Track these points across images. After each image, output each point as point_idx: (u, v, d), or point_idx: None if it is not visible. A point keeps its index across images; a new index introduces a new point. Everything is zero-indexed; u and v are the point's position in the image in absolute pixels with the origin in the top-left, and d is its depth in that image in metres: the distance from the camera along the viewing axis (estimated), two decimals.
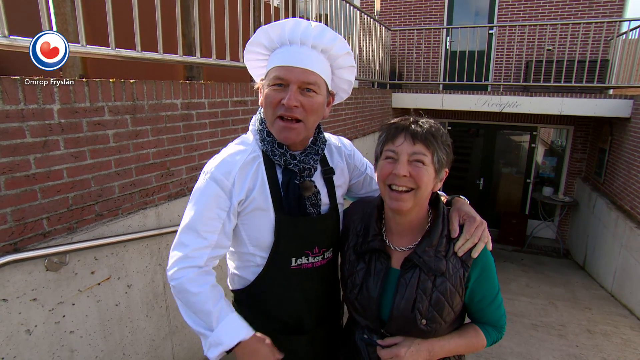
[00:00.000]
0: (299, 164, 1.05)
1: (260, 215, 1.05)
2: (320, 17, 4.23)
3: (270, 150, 1.05)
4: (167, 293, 2.13)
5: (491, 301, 1.04)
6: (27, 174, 1.43)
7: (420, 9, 8.22)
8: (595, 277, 5.78)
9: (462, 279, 0.99)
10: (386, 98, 6.34)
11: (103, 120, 1.69)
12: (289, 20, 1.01)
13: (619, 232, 5.01)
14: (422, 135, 0.96)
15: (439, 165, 0.97)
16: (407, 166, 0.96)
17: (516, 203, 8.23)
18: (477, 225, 1.01)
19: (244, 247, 1.10)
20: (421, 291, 0.98)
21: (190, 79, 2.64)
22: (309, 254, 1.10)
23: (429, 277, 0.98)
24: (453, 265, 0.98)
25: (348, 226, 1.16)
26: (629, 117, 5.41)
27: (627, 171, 5.19)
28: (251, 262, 1.11)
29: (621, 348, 3.43)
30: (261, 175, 1.04)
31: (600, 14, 7.07)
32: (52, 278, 1.54)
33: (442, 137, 0.98)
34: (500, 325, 1.08)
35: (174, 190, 2.13)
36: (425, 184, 0.96)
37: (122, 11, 1.91)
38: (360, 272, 1.06)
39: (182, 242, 1.01)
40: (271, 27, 1.02)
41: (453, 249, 0.99)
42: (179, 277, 0.98)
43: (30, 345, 1.49)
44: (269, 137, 1.05)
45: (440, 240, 1.00)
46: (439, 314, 0.98)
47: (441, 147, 0.97)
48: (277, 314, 1.14)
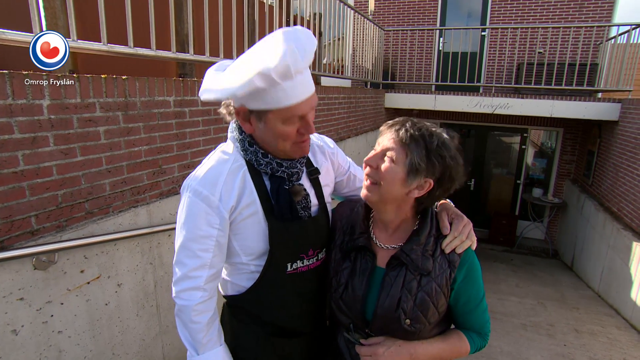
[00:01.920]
0: (286, 170, 1.04)
1: (252, 224, 1.03)
2: (314, 17, 4.22)
3: (255, 160, 1.02)
4: (157, 292, 2.11)
5: (476, 305, 1.03)
6: (15, 171, 1.40)
7: (413, 9, 8.25)
8: (583, 277, 5.87)
9: (448, 279, 0.98)
10: (379, 98, 6.35)
11: (94, 116, 1.66)
12: (285, 54, 0.85)
13: (607, 233, 5.09)
14: (404, 136, 0.95)
15: (411, 169, 0.94)
16: (379, 158, 0.98)
17: (506, 204, 8.32)
18: (465, 224, 1.03)
19: (236, 257, 1.08)
20: (406, 290, 0.98)
21: (183, 76, 2.61)
22: (304, 257, 1.09)
23: (414, 276, 0.98)
24: (439, 265, 0.98)
25: (335, 224, 1.16)
26: (617, 120, 5.51)
27: (614, 173, 5.28)
28: (245, 270, 1.10)
29: (607, 347, 3.49)
30: (248, 183, 1.02)
31: (590, 19, 7.18)
32: (40, 277, 1.51)
33: (430, 144, 0.94)
34: (485, 332, 1.08)
35: (165, 188, 2.10)
36: (387, 181, 0.96)
37: (114, 6, 1.88)
38: (345, 271, 1.06)
39: (180, 260, 1.01)
40: (274, 71, 0.85)
41: (440, 248, 0.99)
42: (185, 301, 1.00)
43: (16, 346, 1.46)
44: (251, 147, 1.02)
45: (428, 239, 1.00)
46: (424, 314, 0.98)
47: (421, 153, 0.93)
48: (274, 318, 1.13)
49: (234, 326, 1.16)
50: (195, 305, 0.99)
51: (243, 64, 0.90)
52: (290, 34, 0.89)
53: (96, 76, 1.66)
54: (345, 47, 5.34)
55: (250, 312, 1.13)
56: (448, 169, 0.95)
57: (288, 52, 0.85)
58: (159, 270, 2.10)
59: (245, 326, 1.14)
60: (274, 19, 3.17)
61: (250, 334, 1.13)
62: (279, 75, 0.86)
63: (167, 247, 2.14)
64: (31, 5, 1.42)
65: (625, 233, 4.53)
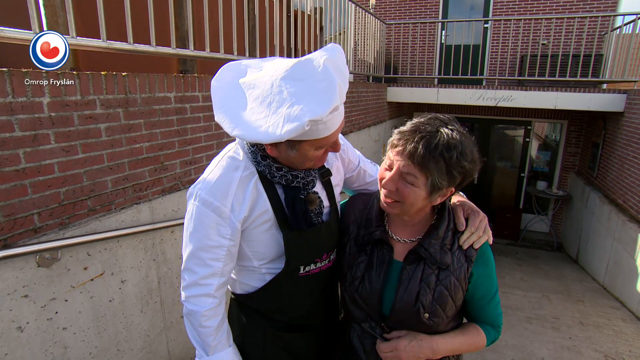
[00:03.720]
0: (302, 180, 1.01)
1: (264, 232, 1.01)
2: (314, 11, 4.19)
3: (269, 172, 0.98)
4: (161, 288, 2.12)
5: (491, 299, 1.04)
6: (17, 169, 1.40)
7: (415, 2, 8.18)
8: (588, 270, 5.84)
9: (466, 273, 0.98)
10: (381, 92, 6.32)
11: (95, 113, 1.66)
12: (336, 97, 0.80)
13: (612, 226, 5.06)
14: (419, 157, 0.88)
15: (434, 189, 0.92)
16: (397, 182, 0.93)
17: (510, 197, 8.28)
18: (481, 219, 1.02)
19: (247, 261, 1.07)
20: (425, 284, 0.97)
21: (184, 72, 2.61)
22: (318, 261, 1.08)
23: (433, 270, 0.98)
24: (457, 260, 0.98)
25: (349, 218, 1.14)
26: (622, 111, 5.44)
27: (620, 165, 5.23)
28: (255, 272, 1.08)
29: (613, 339, 3.47)
30: (260, 192, 0.98)
31: (594, 9, 7.09)
32: (43, 274, 1.52)
33: (450, 159, 0.88)
34: (498, 324, 1.08)
35: (167, 184, 2.10)
36: (410, 202, 0.95)
37: (114, 3, 1.87)
38: (361, 264, 1.05)
39: (190, 268, 0.98)
40: (325, 116, 0.80)
41: (458, 243, 0.99)
42: (195, 306, 0.99)
43: (22, 342, 1.47)
44: (264, 161, 0.97)
45: (446, 233, 0.99)
46: (442, 308, 0.97)
47: (442, 171, 0.89)
48: (284, 316, 1.12)
49: (241, 322, 1.16)
50: (205, 311, 0.99)
51: (285, 103, 0.80)
52: (334, 65, 0.81)
53: (96, 73, 1.66)
54: (347, 42, 5.31)
55: (258, 309, 1.13)
56: (469, 173, 0.94)
57: (337, 93, 0.80)
58: (162, 266, 2.11)
59: (253, 322, 1.13)
60: (274, 13, 3.14)
61: (258, 330, 1.13)
62: (327, 116, 0.83)
63: (170, 243, 2.15)
64: (29, 3, 1.41)
65: (631, 225, 4.50)
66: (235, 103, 0.87)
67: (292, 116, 0.79)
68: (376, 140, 6.12)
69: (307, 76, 0.81)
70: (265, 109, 0.83)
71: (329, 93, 0.80)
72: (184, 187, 2.20)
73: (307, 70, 0.81)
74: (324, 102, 0.79)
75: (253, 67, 0.93)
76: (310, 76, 0.81)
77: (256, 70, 0.92)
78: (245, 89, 0.88)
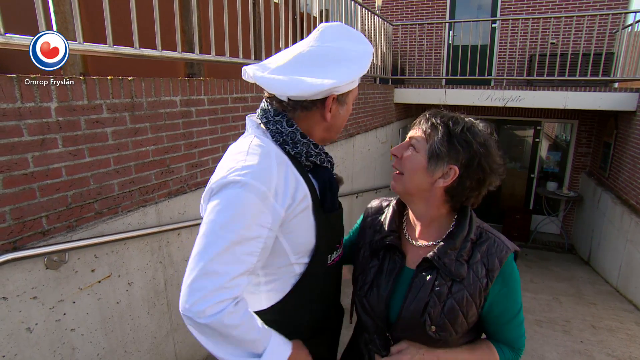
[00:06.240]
0: (329, 159, 1.02)
1: (303, 220, 0.95)
2: (321, 13, 4.20)
3: (306, 151, 0.95)
4: (168, 290, 2.13)
5: (511, 318, 0.95)
6: (25, 173, 1.43)
7: (422, 3, 8.15)
8: (600, 272, 5.73)
9: (482, 289, 0.89)
10: (388, 93, 6.30)
11: (101, 118, 1.69)
12: (364, 37, 0.98)
13: (624, 227, 4.96)
14: (426, 124, 0.95)
15: (432, 155, 0.91)
16: (404, 148, 0.97)
17: (520, 198, 8.18)
18: None
19: (282, 259, 0.96)
20: (435, 295, 0.90)
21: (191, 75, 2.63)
22: (338, 247, 1.06)
23: (445, 281, 0.90)
24: (474, 273, 0.90)
25: (366, 222, 1.12)
26: (635, 110, 5.35)
27: (632, 165, 5.13)
28: (289, 270, 0.99)
29: (626, 344, 3.40)
30: (297, 177, 0.94)
31: (605, 6, 6.98)
32: (52, 276, 1.55)
33: (454, 130, 0.91)
34: (518, 346, 0.99)
35: (174, 187, 2.12)
36: (408, 170, 0.94)
37: (122, 8, 1.90)
38: (372, 269, 1.02)
39: (215, 270, 0.80)
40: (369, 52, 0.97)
41: (478, 254, 0.91)
42: (216, 313, 0.80)
43: (31, 343, 1.49)
44: (304, 139, 0.95)
45: (464, 243, 0.92)
46: (451, 323, 0.90)
47: (442, 138, 0.90)
48: (311, 321, 1.06)
49: None
50: (230, 309, 0.82)
51: (342, 56, 0.92)
52: (345, 26, 0.97)
53: (102, 77, 1.68)
54: None
55: (284, 321, 1.02)
56: (476, 155, 0.89)
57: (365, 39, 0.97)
58: (169, 268, 2.13)
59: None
60: (279, 16, 3.16)
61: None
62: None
63: (177, 245, 2.17)
64: (37, 9, 1.44)
65: None
66: (294, 70, 0.92)
67: (359, 61, 0.93)
68: (383, 142, 6.10)
69: (331, 35, 0.94)
70: (320, 67, 0.91)
71: (360, 36, 0.96)
72: (190, 189, 2.22)
73: (322, 34, 0.94)
74: (366, 43, 0.96)
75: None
76: (333, 33, 0.95)
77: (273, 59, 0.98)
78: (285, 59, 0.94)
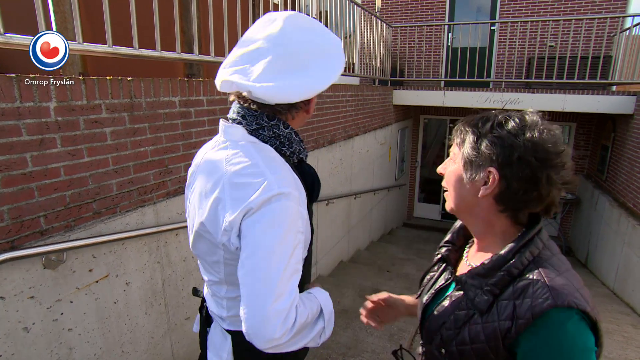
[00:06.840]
0: (306, 152, 1.03)
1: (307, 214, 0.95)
2: (320, 14, 4.21)
3: (299, 149, 0.97)
4: (165, 290, 2.13)
5: None
6: (24, 172, 1.43)
7: (421, 5, 8.17)
8: (598, 274, 5.75)
9: (500, 335, 0.72)
10: (387, 95, 6.31)
11: (100, 118, 1.69)
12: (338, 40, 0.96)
13: (622, 230, 4.98)
14: (456, 132, 0.85)
15: (466, 162, 0.80)
16: (446, 164, 0.89)
17: None
18: None
19: None
20: (453, 318, 0.81)
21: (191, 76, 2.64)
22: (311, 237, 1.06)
23: (467, 308, 0.79)
24: (499, 312, 0.73)
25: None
26: (632, 113, 5.37)
27: (629, 168, 5.15)
28: None
29: (623, 346, 3.41)
30: (296, 176, 0.95)
31: (603, 10, 7.01)
32: (49, 276, 1.55)
33: (482, 129, 0.78)
34: None
35: (172, 188, 2.12)
36: (450, 184, 0.86)
37: (122, 9, 1.90)
38: (429, 274, 1.01)
39: (285, 290, 0.80)
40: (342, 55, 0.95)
41: (514, 291, 0.73)
42: (292, 326, 0.82)
43: (28, 343, 1.49)
44: (297, 137, 0.96)
45: (497, 273, 0.76)
46: (460, 355, 0.79)
47: (472, 141, 0.79)
48: None
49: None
50: (299, 316, 0.84)
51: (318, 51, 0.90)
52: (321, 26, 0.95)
53: (102, 78, 1.69)
54: (352, 45, 5.32)
55: None
56: (513, 150, 0.74)
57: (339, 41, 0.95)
58: (166, 269, 2.13)
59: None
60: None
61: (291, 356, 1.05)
62: None
63: (174, 246, 2.17)
64: (37, 9, 1.44)
65: None
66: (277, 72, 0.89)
67: (329, 69, 0.90)
68: (382, 144, 6.11)
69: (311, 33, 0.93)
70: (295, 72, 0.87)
71: (336, 39, 0.95)
72: None
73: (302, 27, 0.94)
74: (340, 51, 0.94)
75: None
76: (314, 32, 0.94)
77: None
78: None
